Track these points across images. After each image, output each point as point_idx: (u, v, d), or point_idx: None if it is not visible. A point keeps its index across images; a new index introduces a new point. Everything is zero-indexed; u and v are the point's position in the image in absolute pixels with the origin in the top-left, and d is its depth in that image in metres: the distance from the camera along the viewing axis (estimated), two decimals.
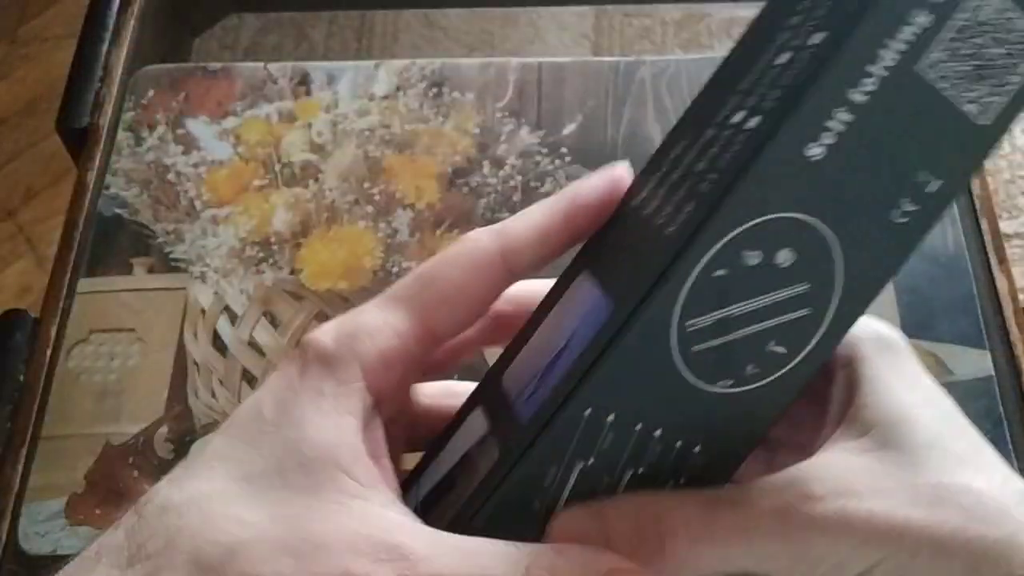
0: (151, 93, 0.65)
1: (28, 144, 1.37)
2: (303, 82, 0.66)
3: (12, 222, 1.31)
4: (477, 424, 0.30)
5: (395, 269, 0.58)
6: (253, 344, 0.56)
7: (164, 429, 0.53)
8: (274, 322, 0.57)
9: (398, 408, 0.29)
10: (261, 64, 0.67)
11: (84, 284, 0.58)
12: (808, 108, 0.24)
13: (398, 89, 0.65)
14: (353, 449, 0.25)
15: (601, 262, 0.29)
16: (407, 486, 0.30)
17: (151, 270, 0.59)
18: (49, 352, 0.56)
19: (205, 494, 0.24)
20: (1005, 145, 1.28)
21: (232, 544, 0.23)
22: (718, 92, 0.28)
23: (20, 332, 0.58)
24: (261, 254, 0.59)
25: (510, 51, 0.72)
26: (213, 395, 0.55)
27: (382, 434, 0.28)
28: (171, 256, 0.59)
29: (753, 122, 0.25)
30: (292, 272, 0.58)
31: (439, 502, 0.29)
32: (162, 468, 0.53)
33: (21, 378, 0.55)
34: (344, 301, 0.57)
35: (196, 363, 0.55)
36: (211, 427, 0.54)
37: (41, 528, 0.50)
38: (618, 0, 0.76)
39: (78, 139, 0.65)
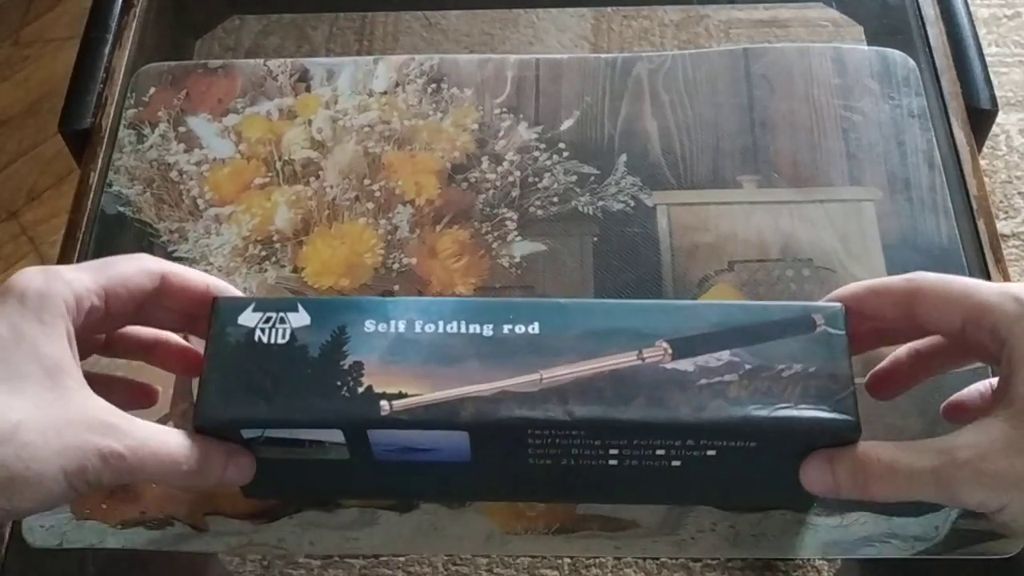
0: (152, 91, 0.66)
1: (31, 145, 1.37)
2: (303, 78, 0.66)
3: (15, 222, 1.32)
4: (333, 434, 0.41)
5: (396, 265, 0.58)
6: None
7: (170, 425, 0.54)
8: None
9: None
10: (261, 61, 0.67)
11: None
12: None
13: (397, 85, 0.66)
14: (70, 361, 0.39)
15: None
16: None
17: None
18: None
19: None
20: (1001, 146, 1.28)
21: (15, 421, 0.36)
22: None
23: None
24: (264, 252, 0.59)
25: (509, 52, 0.73)
26: None
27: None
28: (174, 255, 0.59)
29: None
30: (295, 270, 0.59)
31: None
32: None
33: None
34: None
35: None
36: None
37: (46, 521, 0.50)
38: (617, 2, 0.76)
39: (81, 140, 0.65)
